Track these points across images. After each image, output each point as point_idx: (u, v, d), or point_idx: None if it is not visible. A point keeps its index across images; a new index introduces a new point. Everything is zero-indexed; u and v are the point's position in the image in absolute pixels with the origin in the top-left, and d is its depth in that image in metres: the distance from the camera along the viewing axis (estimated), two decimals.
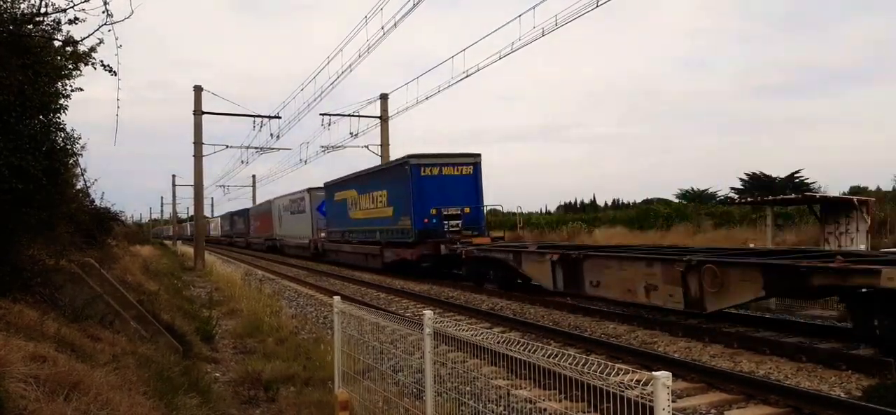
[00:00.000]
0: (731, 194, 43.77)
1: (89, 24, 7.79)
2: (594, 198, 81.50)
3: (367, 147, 31.58)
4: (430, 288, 19.14)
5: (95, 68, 7.53)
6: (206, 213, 73.59)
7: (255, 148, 36.51)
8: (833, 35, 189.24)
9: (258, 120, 31.65)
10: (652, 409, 2.58)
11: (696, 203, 42.03)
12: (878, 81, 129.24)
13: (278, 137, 39.80)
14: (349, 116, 30.61)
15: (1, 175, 6.28)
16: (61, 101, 7.74)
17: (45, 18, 7.27)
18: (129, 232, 29.53)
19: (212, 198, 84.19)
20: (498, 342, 3.94)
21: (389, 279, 21.88)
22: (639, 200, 64.49)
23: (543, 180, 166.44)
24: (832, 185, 65.83)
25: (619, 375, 2.79)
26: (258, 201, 60.49)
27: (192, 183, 32.75)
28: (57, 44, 7.47)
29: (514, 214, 34.36)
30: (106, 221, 16.00)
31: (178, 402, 5.49)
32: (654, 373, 2.60)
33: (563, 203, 79.91)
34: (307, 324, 12.80)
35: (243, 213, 60.80)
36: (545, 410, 6.01)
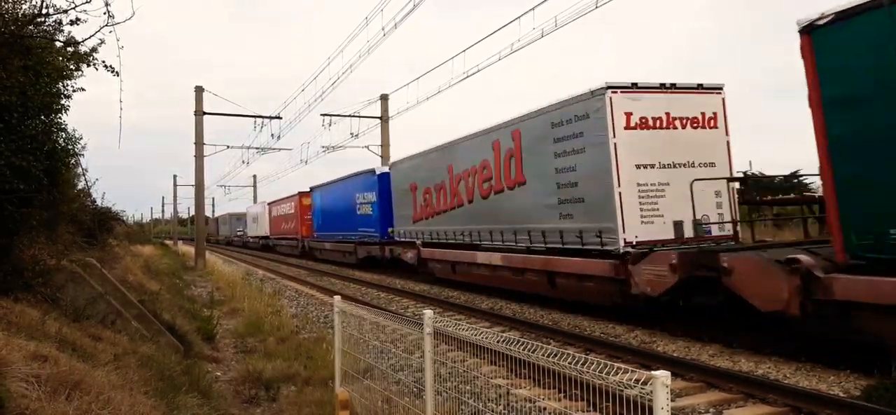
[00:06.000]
0: None
1: (91, 24, 7.84)
2: None
3: (367, 147, 31.67)
4: (429, 288, 19.15)
5: (97, 69, 7.57)
6: (207, 212, 74.33)
7: (256, 148, 36.62)
8: None
9: (259, 120, 31.73)
10: (651, 408, 2.60)
11: None
12: None
13: (279, 137, 39.82)
14: (350, 116, 30.66)
15: (2, 175, 6.30)
16: (63, 101, 7.78)
17: (47, 19, 7.30)
18: (130, 232, 29.60)
19: (212, 198, 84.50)
20: (498, 342, 3.95)
21: (389, 279, 21.89)
22: None
23: None
24: None
25: (618, 374, 2.80)
26: (258, 201, 61.97)
27: (194, 183, 32.80)
28: (58, 44, 7.50)
29: None
30: (107, 220, 16.06)
31: (179, 401, 5.51)
32: (653, 372, 2.61)
33: None
34: (308, 323, 12.82)
35: (217, 218, 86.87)
36: (545, 409, 6.02)
